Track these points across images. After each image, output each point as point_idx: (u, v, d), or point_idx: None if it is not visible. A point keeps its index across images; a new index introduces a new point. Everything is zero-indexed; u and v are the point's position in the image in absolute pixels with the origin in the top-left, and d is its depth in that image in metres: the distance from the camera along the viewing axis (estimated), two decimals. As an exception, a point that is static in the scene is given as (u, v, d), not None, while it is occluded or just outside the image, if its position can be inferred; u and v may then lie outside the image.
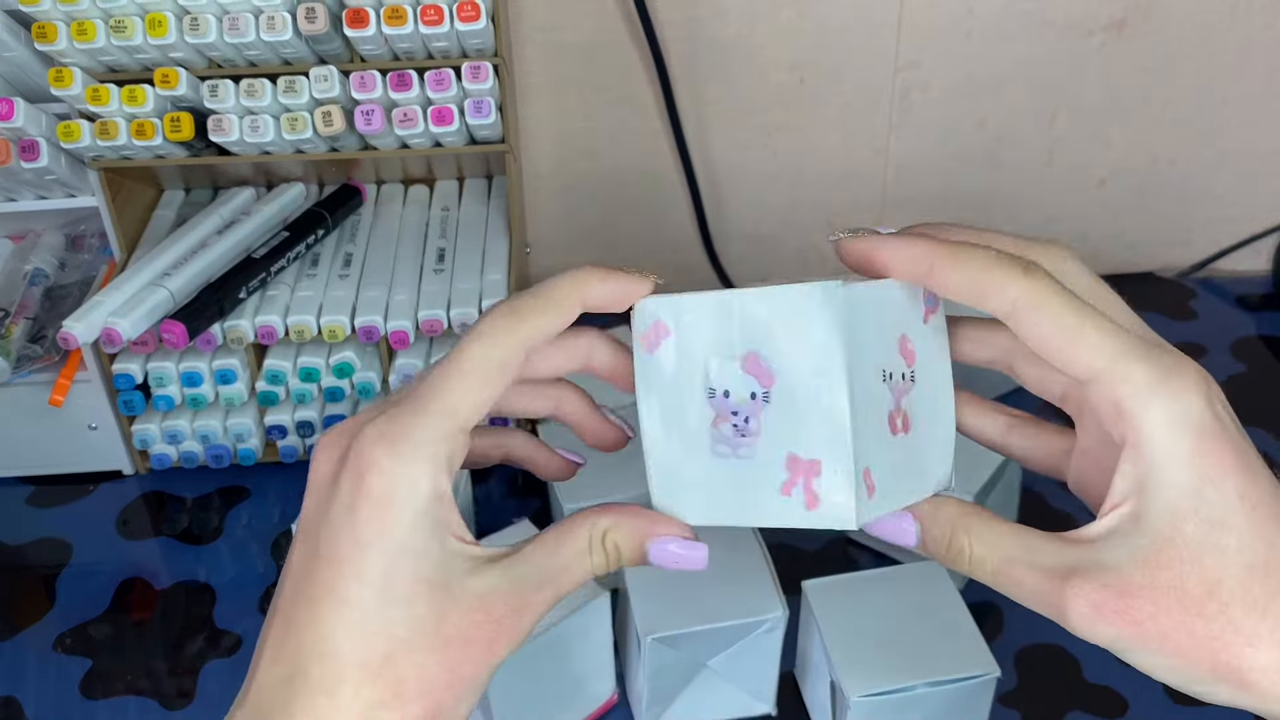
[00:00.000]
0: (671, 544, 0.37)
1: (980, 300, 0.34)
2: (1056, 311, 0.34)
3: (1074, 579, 0.33)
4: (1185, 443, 0.33)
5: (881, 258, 0.36)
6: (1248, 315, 0.87)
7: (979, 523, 0.36)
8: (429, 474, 0.34)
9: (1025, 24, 0.81)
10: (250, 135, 0.66)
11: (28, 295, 0.74)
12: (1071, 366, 0.34)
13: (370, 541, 0.34)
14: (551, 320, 0.37)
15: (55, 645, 0.64)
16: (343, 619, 0.33)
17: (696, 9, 0.79)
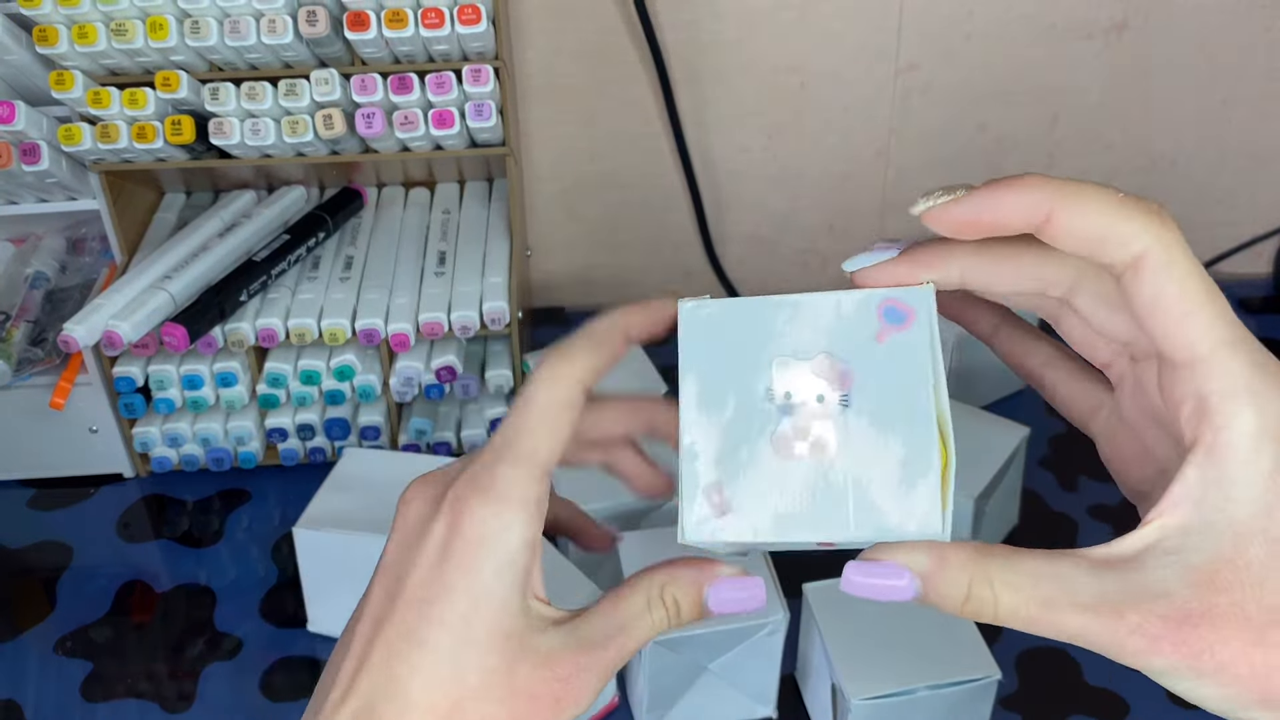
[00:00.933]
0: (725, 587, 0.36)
1: (1099, 249, 0.30)
2: (1183, 274, 0.30)
3: (1128, 614, 0.30)
4: (1268, 457, 0.30)
5: (994, 216, 0.31)
6: (1249, 318, 0.87)
7: (999, 566, 0.31)
8: (521, 520, 0.34)
9: (1025, 26, 0.81)
10: (251, 138, 0.66)
11: (29, 298, 0.74)
12: (1171, 341, 0.30)
13: (456, 585, 0.33)
14: (601, 356, 0.36)
15: (56, 648, 0.64)
16: (418, 663, 0.33)
17: (696, 12, 0.79)
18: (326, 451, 0.74)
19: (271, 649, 0.64)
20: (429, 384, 0.71)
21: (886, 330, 0.35)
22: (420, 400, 0.74)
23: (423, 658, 0.33)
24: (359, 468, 0.64)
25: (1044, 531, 0.70)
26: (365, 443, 0.73)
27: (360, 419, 0.73)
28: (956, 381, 0.75)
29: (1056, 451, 0.75)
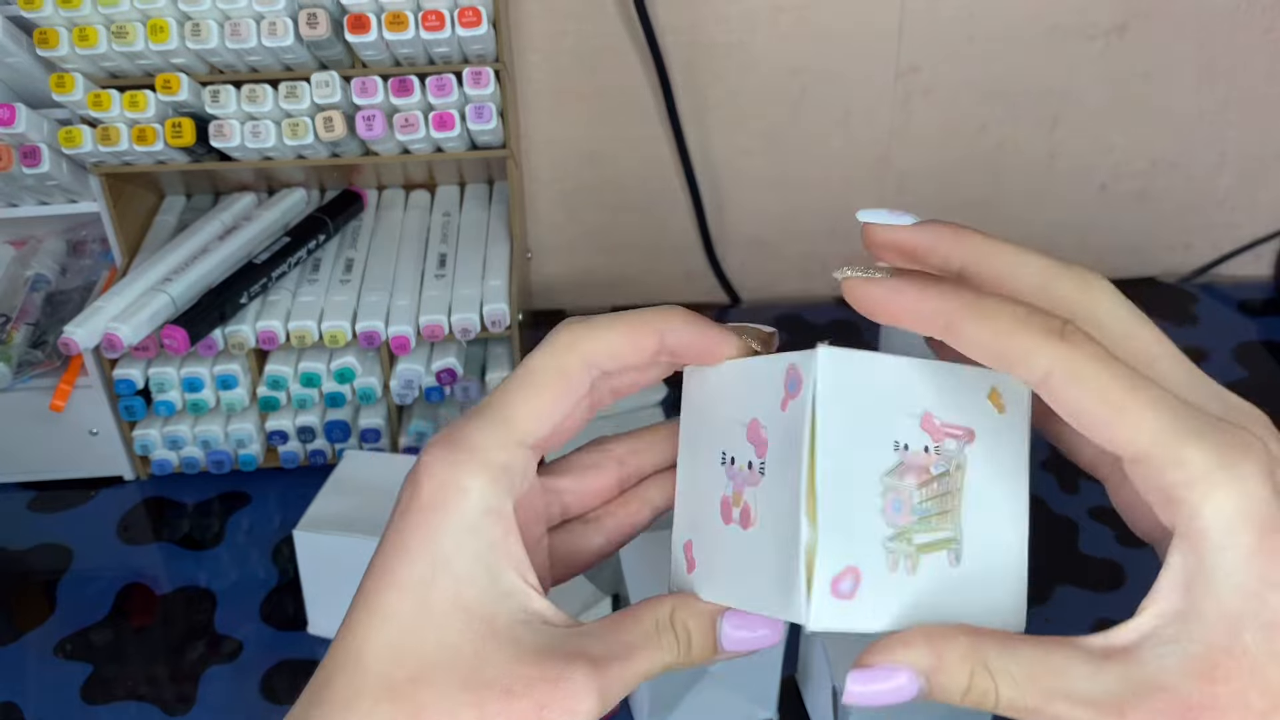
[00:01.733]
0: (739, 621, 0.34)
1: (1007, 366, 0.30)
2: (1097, 384, 0.29)
3: (1129, 713, 0.29)
4: (1246, 539, 0.29)
5: (893, 310, 0.32)
6: (1250, 320, 0.87)
7: (996, 654, 0.31)
8: (480, 483, 0.32)
9: (1027, 28, 0.81)
10: (251, 140, 0.66)
11: (29, 301, 0.74)
12: (1114, 445, 0.30)
13: (411, 547, 0.32)
14: (620, 339, 0.34)
15: (56, 651, 0.64)
16: (374, 629, 0.31)
17: (697, 14, 0.79)
18: (327, 454, 0.74)
19: (272, 652, 0.64)
20: (429, 386, 0.71)
21: (787, 398, 0.33)
22: (421, 403, 0.74)
23: (380, 625, 0.31)
24: (359, 470, 0.64)
25: (1045, 534, 0.69)
26: (365, 445, 0.73)
27: (361, 421, 0.73)
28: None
29: (1057, 454, 0.75)
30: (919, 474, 0.33)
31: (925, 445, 0.33)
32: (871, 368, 0.33)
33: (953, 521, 0.33)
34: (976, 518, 0.33)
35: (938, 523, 0.33)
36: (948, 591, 0.33)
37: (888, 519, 0.32)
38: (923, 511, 0.33)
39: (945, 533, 0.33)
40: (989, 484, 0.34)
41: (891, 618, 0.32)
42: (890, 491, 0.32)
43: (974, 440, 0.34)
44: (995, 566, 0.33)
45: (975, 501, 0.33)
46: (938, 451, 0.33)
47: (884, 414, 0.33)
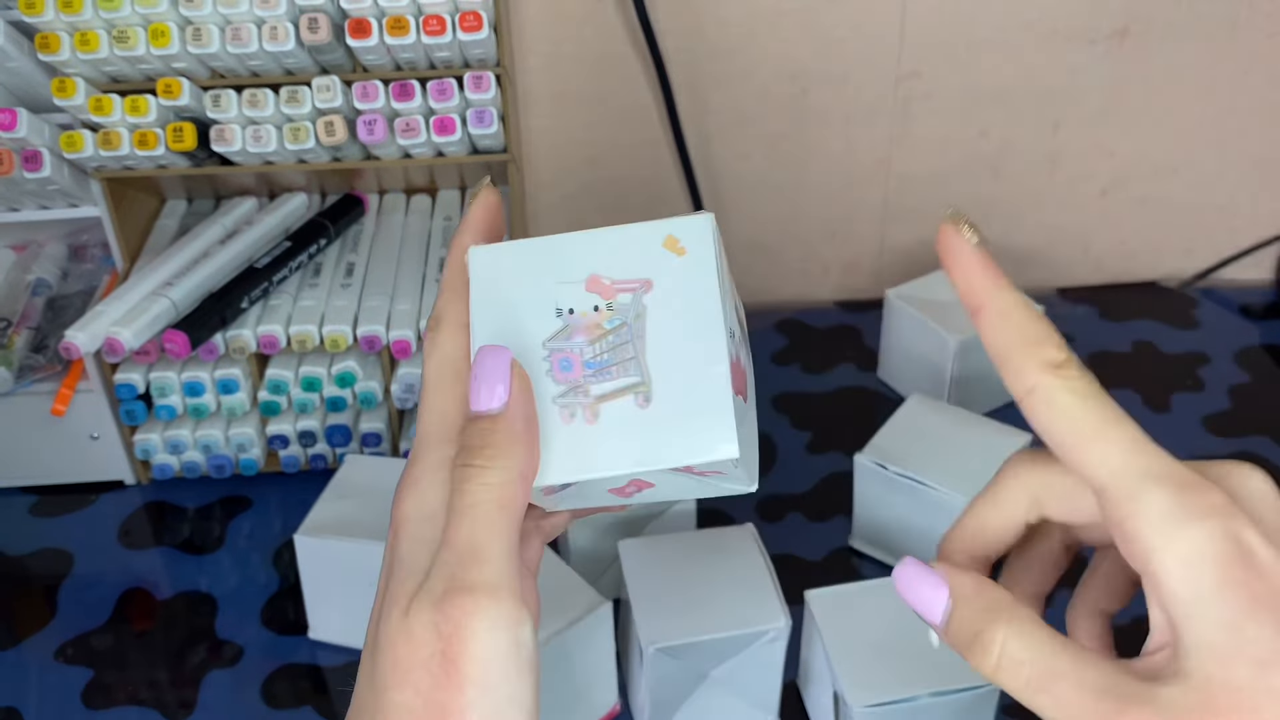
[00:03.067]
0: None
1: (999, 367, 0.33)
2: (1071, 413, 0.32)
3: (1129, 710, 0.30)
4: (1207, 577, 0.30)
5: (952, 260, 0.34)
6: (1251, 324, 0.87)
7: (1025, 621, 0.32)
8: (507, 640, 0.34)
9: (1027, 33, 0.81)
10: (253, 145, 0.66)
11: (30, 305, 0.74)
12: (1080, 472, 0.32)
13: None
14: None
15: (57, 655, 0.64)
16: None
17: (698, 19, 0.79)
18: (328, 458, 0.74)
19: (272, 656, 0.64)
20: (430, 391, 0.71)
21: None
22: (421, 407, 0.74)
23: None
24: (360, 475, 0.64)
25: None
26: (366, 450, 0.73)
27: (362, 426, 0.73)
28: (958, 389, 0.75)
29: (1059, 458, 0.75)
30: (589, 332, 0.36)
31: (595, 305, 0.36)
32: (519, 252, 0.37)
33: (636, 367, 0.35)
34: (667, 359, 0.35)
35: (618, 371, 0.35)
36: (644, 431, 0.35)
37: (556, 378, 0.35)
38: (596, 365, 0.35)
39: (629, 379, 0.35)
40: (678, 325, 0.36)
41: (579, 464, 0.35)
42: (556, 354, 0.36)
43: (652, 289, 0.36)
44: (696, 401, 0.35)
45: (664, 345, 0.35)
46: (610, 308, 0.36)
47: (540, 289, 0.36)
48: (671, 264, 0.36)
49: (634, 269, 0.36)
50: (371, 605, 0.36)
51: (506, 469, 0.34)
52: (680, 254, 0.36)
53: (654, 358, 0.35)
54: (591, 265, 0.36)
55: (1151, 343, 0.85)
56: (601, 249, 0.37)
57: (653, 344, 0.35)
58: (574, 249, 0.37)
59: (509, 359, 0.35)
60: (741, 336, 0.39)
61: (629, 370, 0.35)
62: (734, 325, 0.37)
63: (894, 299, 0.77)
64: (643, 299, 0.36)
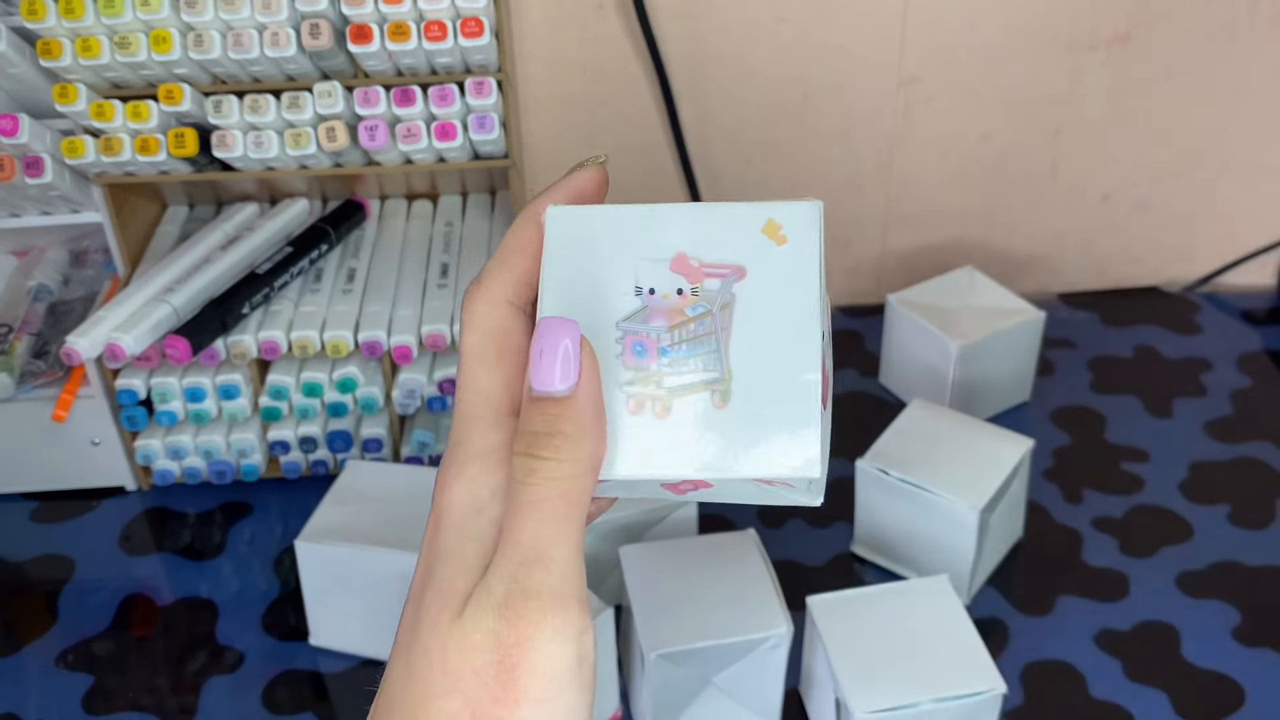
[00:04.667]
0: None
1: None
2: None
3: None
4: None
5: None
6: (1253, 329, 0.86)
7: None
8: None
9: (1028, 38, 0.81)
10: (254, 151, 0.66)
11: (31, 311, 0.74)
12: None
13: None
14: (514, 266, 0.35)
15: (57, 661, 0.64)
16: None
17: (699, 24, 0.79)
18: (329, 464, 0.74)
19: (273, 662, 0.64)
20: (432, 396, 0.71)
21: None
22: (423, 412, 0.74)
23: None
24: (361, 480, 0.64)
25: (1049, 544, 0.69)
26: (368, 455, 0.73)
27: (363, 431, 0.73)
28: (959, 394, 0.75)
29: (1060, 464, 0.75)
30: (670, 316, 0.32)
31: (679, 287, 0.32)
32: (603, 218, 0.33)
33: (718, 362, 0.32)
34: (753, 358, 0.32)
35: (697, 364, 0.32)
36: (719, 434, 0.32)
37: (627, 363, 0.32)
38: (673, 354, 0.32)
39: (706, 374, 0.32)
40: (769, 321, 0.32)
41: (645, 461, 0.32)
42: (630, 336, 0.32)
43: (745, 277, 0.33)
44: (780, 409, 0.32)
45: (751, 341, 0.32)
46: (695, 293, 0.32)
47: (621, 262, 0.32)
48: (769, 252, 0.33)
49: (727, 252, 0.33)
50: (372, 610, 0.36)
51: (577, 461, 0.31)
52: (780, 242, 0.33)
53: (738, 354, 0.32)
54: (680, 243, 0.33)
55: (1153, 348, 0.85)
56: (693, 226, 0.33)
57: (738, 339, 0.32)
58: (664, 222, 0.33)
59: (578, 334, 0.31)
60: (828, 341, 0.35)
61: (709, 364, 0.32)
62: (827, 328, 0.34)
63: (895, 304, 0.77)
64: (732, 287, 0.33)
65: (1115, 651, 0.63)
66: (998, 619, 0.65)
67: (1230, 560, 0.68)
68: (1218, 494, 0.72)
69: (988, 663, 0.54)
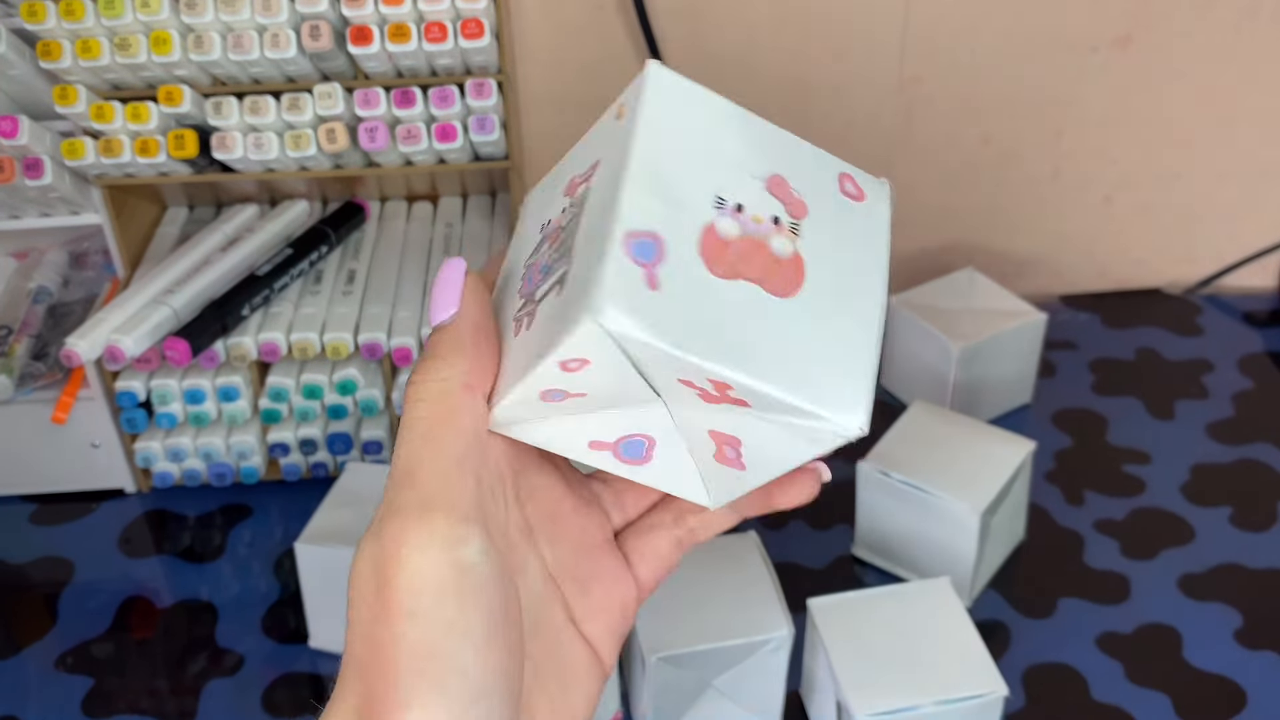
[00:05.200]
0: None
1: None
2: None
3: None
4: None
5: None
6: (1254, 331, 0.86)
7: None
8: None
9: (1030, 39, 0.81)
10: (254, 152, 0.66)
11: (31, 313, 0.74)
12: None
13: None
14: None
15: (57, 664, 0.64)
16: None
17: (699, 25, 0.79)
18: (329, 466, 0.74)
19: (273, 665, 0.64)
20: (432, 398, 0.71)
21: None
22: (423, 415, 0.74)
23: None
24: (361, 483, 0.64)
25: (1051, 547, 0.69)
26: (368, 458, 0.73)
27: (363, 434, 0.73)
28: (960, 396, 0.75)
29: (1062, 466, 0.75)
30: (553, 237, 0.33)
31: (563, 207, 0.33)
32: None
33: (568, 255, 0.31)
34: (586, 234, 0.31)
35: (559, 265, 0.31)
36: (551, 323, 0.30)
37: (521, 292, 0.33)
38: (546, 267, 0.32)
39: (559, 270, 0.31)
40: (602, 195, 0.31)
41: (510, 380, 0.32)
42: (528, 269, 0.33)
43: (599, 167, 0.32)
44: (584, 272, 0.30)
45: (589, 220, 0.31)
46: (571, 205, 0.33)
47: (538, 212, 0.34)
48: (614, 134, 0.32)
49: (592, 155, 0.32)
50: None
51: (444, 380, 0.32)
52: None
53: (580, 239, 0.31)
54: (572, 168, 0.33)
55: (1155, 350, 0.84)
56: (581, 148, 0.33)
57: (583, 227, 0.31)
58: (569, 159, 0.33)
59: (463, 268, 0.33)
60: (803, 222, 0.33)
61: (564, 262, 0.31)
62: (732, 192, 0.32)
63: (896, 305, 0.77)
64: (590, 181, 0.32)
65: (1117, 654, 0.63)
66: (999, 621, 0.65)
67: (1232, 562, 0.68)
68: (1219, 496, 0.72)
69: (989, 665, 0.54)
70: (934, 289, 0.78)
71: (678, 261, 0.30)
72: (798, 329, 0.31)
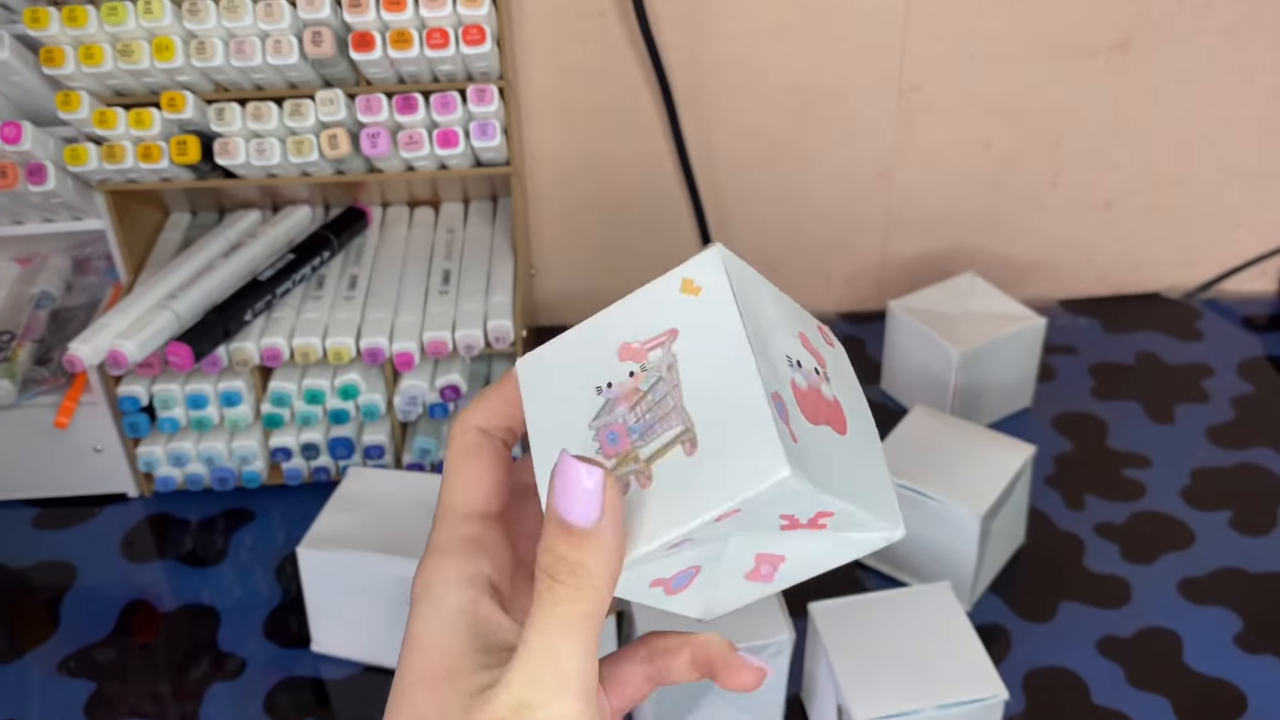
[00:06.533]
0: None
1: None
2: None
3: None
4: None
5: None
6: (1254, 336, 0.86)
7: None
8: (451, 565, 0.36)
9: (1029, 46, 0.81)
10: (256, 158, 0.66)
11: (34, 318, 0.74)
12: None
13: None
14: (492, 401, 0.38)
15: (59, 668, 0.64)
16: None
17: (701, 31, 0.79)
18: (331, 471, 0.74)
19: (275, 669, 0.64)
20: (433, 403, 0.71)
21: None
22: (425, 419, 0.74)
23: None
24: (363, 487, 0.64)
25: (1051, 551, 0.69)
26: (369, 462, 0.73)
27: (365, 438, 0.73)
28: (961, 400, 0.75)
29: (1062, 470, 0.75)
30: (628, 399, 0.34)
31: (630, 371, 0.35)
32: (558, 348, 0.36)
33: (678, 416, 0.33)
34: (706, 397, 0.33)
35: (661, 427, 0.33)
36: (694, 477, 0.33)
37: (606, 455, 0.34)
38: (641, 428, 0.34)
39: (671, 431, 0.33)
40: (710, 361, 0.34)
41: (639, 536, 0.33)
42: (602, 430, 0.34)
43: (679, 336, 0.35)
44: (737, 429, 0.32)
45: (700, 384, 0.34)
46: (644, 369, 0.34)
47: (581, 374, 0.35)
48: (692, 307, 0.35)
49: (658, 324, 0.35)
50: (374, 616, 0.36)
51: (595, 590, 0.32)
52: (697, 293, 0.35)
53: (692, 402, 0.33)
54: (621, 335, 0.35)
55: (1155, 354, 0.85)
56: (627, 316, 0.35)
57: (689, 390, 0.33)
58: (603, 325, 0.35)
59: (601, 475, 0.32)
60: (827, 370, 0.37)
61: (671, 422, 0.33)
62: (792, 352, 0.35)
63: (897, 310, 0.77)
64: (671, 349, 0.34)
65: (1117, 658, 0.63)
66: (1000, 625, 0.65)
67: (1232, 566, 0.68)
68: (1219, 500, 0.72)
69: (990, 669, 0.54)
70: (934, 294, 0.78)
71: (794, 415, 0.34)
72: (857, 460, 0.36)
